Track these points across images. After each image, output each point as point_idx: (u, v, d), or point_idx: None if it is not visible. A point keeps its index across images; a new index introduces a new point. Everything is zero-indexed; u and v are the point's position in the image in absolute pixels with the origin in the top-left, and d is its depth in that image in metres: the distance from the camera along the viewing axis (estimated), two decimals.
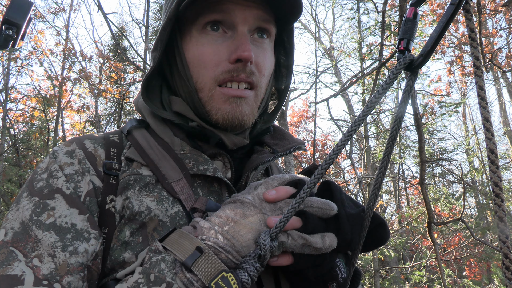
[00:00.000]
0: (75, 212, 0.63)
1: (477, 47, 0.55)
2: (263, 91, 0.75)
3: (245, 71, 0.70)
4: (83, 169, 0.68)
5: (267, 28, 0.74)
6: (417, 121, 3.18)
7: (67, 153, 0.69)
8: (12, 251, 0.58)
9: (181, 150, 0.74)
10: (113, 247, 0.64)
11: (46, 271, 0.57)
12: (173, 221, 0.66)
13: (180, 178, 0.69)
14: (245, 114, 0.71)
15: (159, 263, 0.55)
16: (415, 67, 0.54)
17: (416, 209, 9.29)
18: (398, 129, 0.58)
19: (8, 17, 1.22)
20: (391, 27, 5.58)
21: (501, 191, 0.51)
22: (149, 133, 0.77)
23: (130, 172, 0.69)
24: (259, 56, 0.73)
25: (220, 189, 0.73)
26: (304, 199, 0.56)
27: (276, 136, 0.88)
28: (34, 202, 0.63)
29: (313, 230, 0.59)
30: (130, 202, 0.66)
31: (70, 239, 0.60)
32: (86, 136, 0.75)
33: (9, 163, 9.35)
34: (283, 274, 0.67)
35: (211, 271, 0.53)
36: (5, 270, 0.56)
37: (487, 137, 0.54)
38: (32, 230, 0.60)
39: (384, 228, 0.67)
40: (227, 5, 0.70)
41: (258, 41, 0.74)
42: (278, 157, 0.80)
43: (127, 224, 0.65)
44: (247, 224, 0.59)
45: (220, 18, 0.71)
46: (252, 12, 0.71)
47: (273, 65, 0.78)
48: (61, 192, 0.64)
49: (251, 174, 0.75)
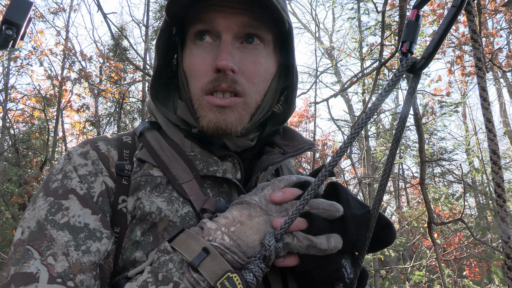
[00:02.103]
0: (88, 212, 0.65)
1: (479, 48, 0.55)
2: (255, 97, 0.74)
3: (226, 80, 0.70)
4: (96, 170, 0.70)
5: (257, 33, 0.72)
6: (417, 121, 3.18)
7: (81, 154, 0.72)
8: (28, 249, 0.60)
9: (192, 152, 0.75)
10: (125, 246, 0.66)
11: (60, 269, 0.59)
12: (183, 221, 0.67)
13: (191, 179, 0.71)
14: (229, 122, 0.71)
15: (167, 263, 0.57)
16: (417, 69, 0.55)
17: (416, 209, 9.30)
18: (402, 130, 0.59)
19: (8, 17, 1.22)
20: (391, 27, 5.59)
21: (503, 191, 0.52)
22: (160, 134, 0.78)
23: (142, 173, 0.71)
24: (246, 64, 0.72)
25: (230, 190, 0.74)
26: (308, 201, 0.57)
27: (286, 137, 0.88)
28: (49, 202, 0.65)
29: (318, 232, 0.60)
30: (141, 202, 0.67)
31: (83, 238, 0.62)
32: (100, 137, 0.77)
33: (9, 163, 9.35)
34: (290, 275, 0.68)
35: (216, 271, 0.55)
36: (21, 268, 0.58)
37: (489, 138, 0.54)
38: (47, 229, 0.62)
39: (390, 229, 0.67)
40: (210, 14, 0.71)
41: (247, 48, 0.73)
42: (288, 158, 0.81)
43: (138, 224, 0.66)
44: (253, 225, 0.60)
45: (205, 27, 0.72)
46: (235, 20, 0.70)
47: (271, 69, 0.76)
48: (75, 192, 0.66)
49: (261, 175, 0.76)
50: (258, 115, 0.76)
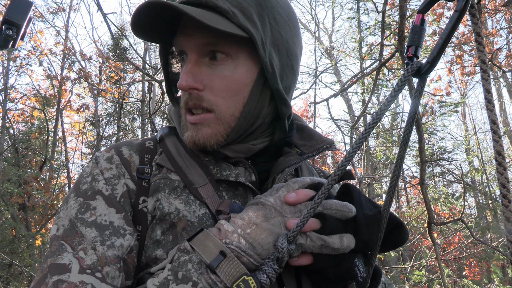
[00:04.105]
0: (113, 211, 0.71)
1: (484, 51, 0.56)
2: (228, 111, 0.74)
3: (192, 99, 0.75)
4: (119, 173, 0.76)
5: (218, 49, 0.73)
6: (417, 121, 3.19)
7: (107, 159, 0.79)
8: (62, 244, 0.67)
9: (206, 157, 0.80)
10: (147, 244, 0.71)
11: (89, 262, 0.65)
12: (201, 221, 0.71)
13: (206, 183, 0.75)
14: (201, 138, 0.75)
15: (186, 263, 0.60)
16: (423, 73, 0.56)
17: (416, 209, 9.31)
18: (410, 132, 0.60)
19: (8, 17, 1.22)
20: (391, 27, 5.59)
21: (508, 192, 0.52)
22: (178, 140, 0.84)
23: (161, 177, 0.77)
24: (213, 80, 0.74)
25: (245, 192, 0.77)
26: (319, 203, 0.59)
27: (304, 136, 0.89)
28: (79, 202, 0.72)
29: (331, 232, 0.62)
30: (160, 203, 0.73)
31: (108, 235, 0.68)
32: (125, 142, 0.84)
33: (8, 163, 9.34)
34: (304, 274, 0.70)
35: (233, 273, 0.58)
36: (56, 259, 0.65)
37: (494, 139, 0.54)
38: (78, 227, 0.69)
39: (403, 229, 0.69)
40: (178, 37, 0.76)
41: (214, 64, 0.74)
42: (305, 159, 0.82)
43: (158, 224, 0.72)
44: (268, 227, 0.62)
45: (178, 49, 0.78)
46: (194, 41, 0.73)
47: (244, 80, 0.75)
48: (101, 193, 0.73)
49: (278, 177, 0.79)
50: (240, 127, 0.76)
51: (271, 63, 0.74)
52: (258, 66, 0.76)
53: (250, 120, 0.77)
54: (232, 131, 0.76)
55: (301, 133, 0.90)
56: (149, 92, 10.18)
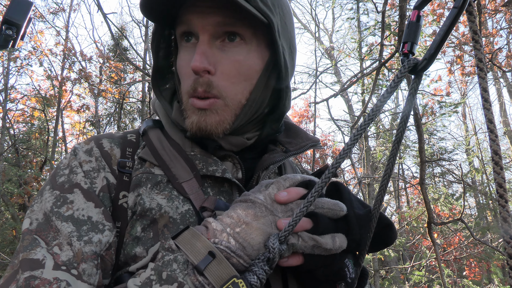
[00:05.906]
0: (91, 205, 0.67)
1: (480, 49, 0.55)
2: (236, 98, 0.73)
3: (202, 84, 0.70)
4: (99, 166, 0.72)
5: (235, 31, 0.70)
6: (417, 121, 3.18)
7: (86, 151, 0.74)
8: (36, 239, 0.63)
9: (192, 151, 0.76)
10: (126, 241, 0.68)
11: (64, 258, 0.61)
12: (184, 218, 0.68)
13: (190, 178, 0.72)
14: (209, 124, 0.71)
15: (171, 263, 0.57)
16: (419, 70, 0.55)
17: (416, 209, 9.30)
18: (403, 131, 0.59)
19: (8, 17, 1.22)
20: (391, 27, 5.58)
21: (505, 192, 0.52)
22: (162, 133, 0.80)
23: (143, 171, 0.73)
24: (225, 63, 0.71)
25: (231, 189, 0.74)
26: (312, 202, 0.57)
27: (290, 134, 0.87)
28: (55, 195, 0.68)
29: (323, 231, 0.60)
30: (141, 198, 0.69)
31: (85, 230, 0.64)
32: (105, 135, 0.79)
33: (8, 163, 9.35)
34: (290, 274, 0.68)
35: (222, 276, 0.55)
36: (28, 254, 0.61)
37: (491, 138, 0.54)
38: (53, 221, 0.65)
39: (391, 229, 0.67)
40: (187, 15, 0.71)
41: (227, 46, 0.71)
42: (290, 156, 0.80)
43: (139, 220, 0.68)
44: (258, 226, 0.59)
45: (186, 29, 0.72)
46: (210, 20, 0.69)
47: (255, 66, 0.73)
48: (79, 187, 0.69)
49: (262, 174, 0.76)
50: (244, 115, 0.75)
51: (283, 52, 0.73)
52: (267, 54, 0.75)
53: (254, 109, 0.76)
54: (236, 119, 0.74)
55: (287, 131, 0.88)
56: (149, 93, 10.17)
